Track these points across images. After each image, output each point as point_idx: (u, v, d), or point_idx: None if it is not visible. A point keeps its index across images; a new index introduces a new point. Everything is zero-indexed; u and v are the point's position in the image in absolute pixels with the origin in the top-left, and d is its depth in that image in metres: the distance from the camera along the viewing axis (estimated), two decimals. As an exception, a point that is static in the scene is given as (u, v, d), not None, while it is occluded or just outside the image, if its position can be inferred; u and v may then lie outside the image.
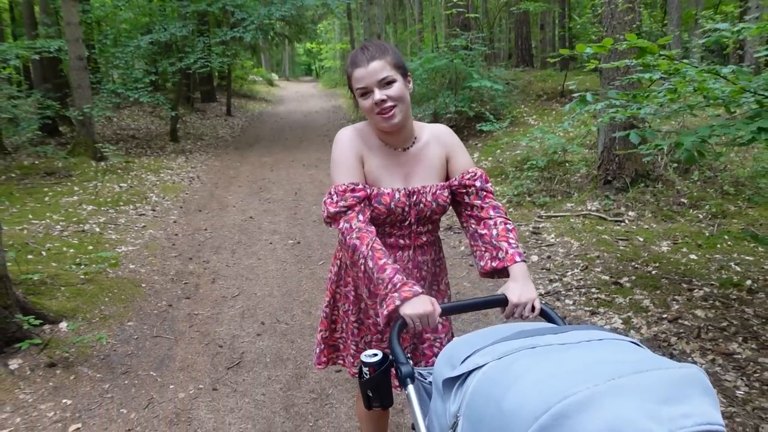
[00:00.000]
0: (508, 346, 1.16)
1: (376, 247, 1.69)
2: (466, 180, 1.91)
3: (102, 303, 4.40)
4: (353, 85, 1.79)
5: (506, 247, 1.79)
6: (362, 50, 1.78)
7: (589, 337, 1.18)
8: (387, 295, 1.62)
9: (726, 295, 4.29)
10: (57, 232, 6.08)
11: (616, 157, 6.42)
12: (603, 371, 0.99)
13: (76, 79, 9.78)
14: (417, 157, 1.90)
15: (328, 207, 1.76)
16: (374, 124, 1.84)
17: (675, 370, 1.01)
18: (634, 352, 1.14)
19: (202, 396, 3.27)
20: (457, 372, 1.17)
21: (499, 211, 1.89)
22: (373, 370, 1.49)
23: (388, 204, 1.82)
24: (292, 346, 3.85)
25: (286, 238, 6.18)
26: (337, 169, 1.81)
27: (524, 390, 1.00)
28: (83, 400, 3.22)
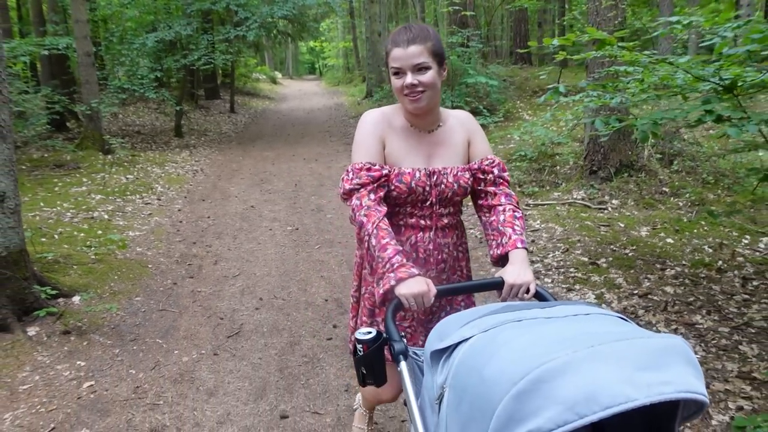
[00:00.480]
0: (495, 320, 1.19)
1: (382, 226, 1.72)
2: (485, 165, 1.94)
3: (111, 280, 4.71)
4: (389, 63, 1.81)
5: (510, 233, 1.83)
6: (405, 30, 1.80)
7: (576, 311, 1.20)
8: (384, 274, 1.67)
9: (696, 274, 4.57)
10: (68, 218, 6.40)
11: (602, 148, 6.70)
12: (584, 339, 1.00)
13: (84, 75, 10.10)
14: (441, 139, 1.93)
15: (344, 184, 1.80)
16: (401, 104, 1.88)
17: (658, 339, 1.01)
18: (620, 324, 1.15)
19: (204, 360, 3.57)
20: (444, 344, 1.20)
21: (510, 198, 1.93)
22: (366, 347, 1.50)
23: (409, 183, 1.84)
24: (287, 318, 4.14)
25: (285, 225, 6.48)
26: (357, 148, 1.85)
27: (505, 358, 1.02)
28: (95, 362, 3.52)
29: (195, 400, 3.13)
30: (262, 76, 31.70)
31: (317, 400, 3.10)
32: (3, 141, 3.51)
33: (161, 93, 12.38)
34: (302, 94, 27.77)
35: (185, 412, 3.02)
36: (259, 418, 2.96)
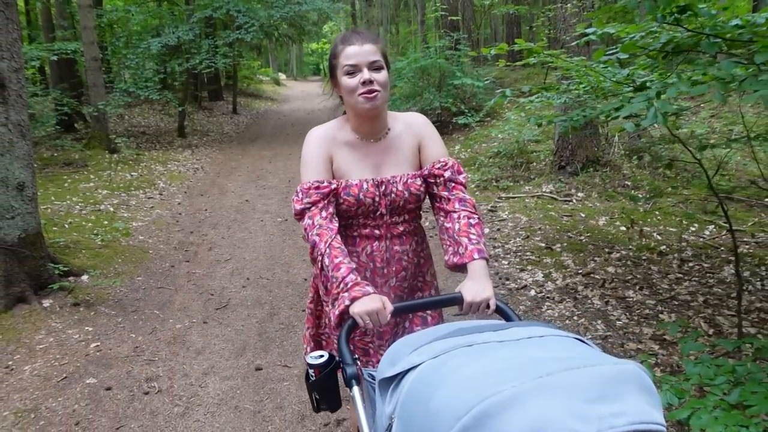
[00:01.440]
0: (446, 344, 1.13)
1: (334, 245, 1.69)
2: (435, 169, 1.88)
3: (116, 263, 5.27)
4: (340, 62, 1.77)
5: (466, 242, 1.77)
6: (354, 32, 1.80)
7: (530, 333, 1.15)
8: (338, 294, 1.62)
9: (639, 257, 5.10)
10: (76, 210, 6.97)
11: (569, 145, 7.22)
12: (531, 369, 0.95)
13: (91, 78, 10.69)
14: (388, 147, 1.89)
15: (295, 205, 1.78)
16: (352, 107, 1.81)
17: (610, 366, 0.96)
18: (573, 348, 1.10)
19: (195, 327, 4.12)
20: (393, 371, 1.15)
21: (465, 204, 1.86)
22: (318, 372, 1.46)
23: (357, 195, 1.81)
24: (270, 294, 4.69)
25: (275, 217, 7.04)
26: (305, 168, 1.83)
27: (451, 389, 0.98)
28: (101, 328, 4.08)
29: (185, 357, 3.69)
30: (265, 77, 32.26)
31: (288, 357, 3.65)
32: (23, 138, 4.08)
33: (165, 95, 12.96)
34: (305, 95, 28.29)
35: (176, 366, 3.57)
36: (237, 370, 3.50)
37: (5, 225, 4.08)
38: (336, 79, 1.81)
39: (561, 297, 4.39)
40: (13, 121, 4.00)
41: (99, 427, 2.97)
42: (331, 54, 1.82)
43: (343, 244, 1.79)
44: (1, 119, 3.92)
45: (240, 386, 3.33)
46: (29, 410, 3.12)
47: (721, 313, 3.96)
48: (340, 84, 1.79)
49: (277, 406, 3.13)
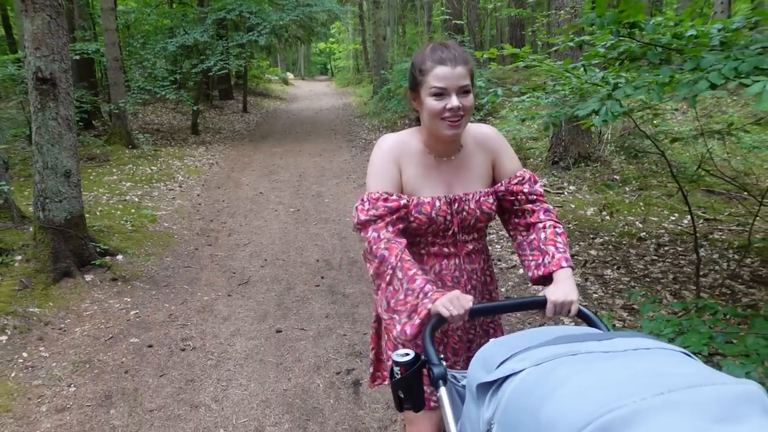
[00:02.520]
0: (548, 352, 1.11)
1: (405, 257, 1.64)
2: (513, 186, 1.83)
3: (146, 245, 5.82)
4: (428, 81, 1.66)
5: (553, 251, 1.74)
6: (445, 48, 1.68)
7: (636, 345, 1.12)
8: (418, 303, 1.57)
9: (620, 242, 5.60)
10: (104, 200, 7.53)
11: (563, 142, 7.73)
12: (651, 384, 0.92)
13: (112, 77, 11.26)
14: (461, 163, 1.82)
15: (359, 214, 1.70)
16: (431, 129, 1.73)
17: (731, 386, 0.93)
18: (685, 363, 1.07)
19: (220, 299, 4.66)
20: (492, 377, 1.12)
21: (549, 214, 1.83)
22: (404, 370, 1.43)
23: (429, 213, 1.75)
24: (286, 272, 5.22)
25: (288, 207, 7.57)
26: (373, 176, 1.75)
27: (564, 400, 0.95)
28: (138, 299, 4.63)
29: (214, 322, 4.23)
30: (274, 77, 32.82)
31: (303, 322, 4.18)
32: (69, 131, 4.63)
33: (180, 94, 13.52)
34: (313, 94, 28.85)
35: (207, 329, 4.11)
36: (260, 332, 4.04)
37: (54, 207, 4.63)
38: (418, 93, 1.71)
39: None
40: (62, 115, 4.55)
41: (145, 375, 3.51)
42: (417, 68, 1.70)
43: None
44: (52, 114, 4.47)
45: (263, 345, 3.87)
46: (84, 362, 3.67)
47: (687, 288, 4.47)
48: (422, 102, 1.69)
49: (296, 359, 3.66)
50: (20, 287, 4.37)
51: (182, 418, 3.06)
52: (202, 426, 2.99)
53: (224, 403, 3.20)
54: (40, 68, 4.36)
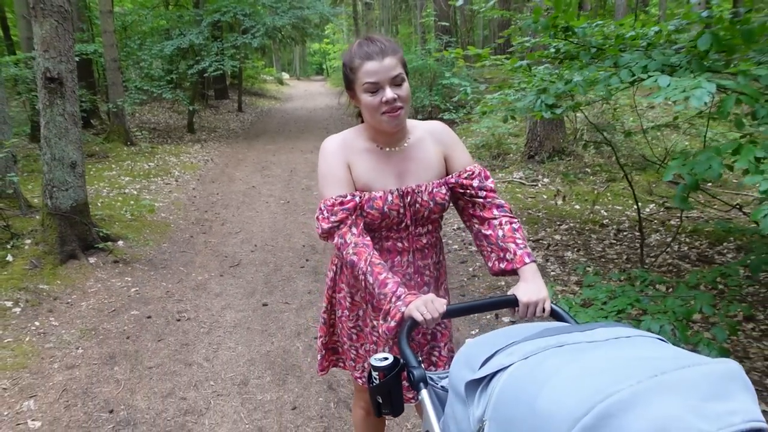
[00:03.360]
0: (534, 345, 1.13)
1: (374, 261, 1.65)
2: (463, 179, 1.84)
3: (144, 233, 6.27)
4: (359, 78, 1.68)
5: (514, 248, 1.74)
6: (370, 42, 1.69)
7: (617, 334, 1.14)
8: (391, 308, 1.59)
9: (583, 228, 6.06)
10: (105, 193, 7.97)
11: (538, 137, 8.19)
12: (643, 367, 0.95)
13: (111, 77, 11.69)
14: (410, 155, 1.82)
15: (321, 224, 1.72)
16: (373, 124, 1.75)
17: (714, 365, 0.96)
18: (664, 348, 1.10)
19: (213, 279, 5.10)
20: (480, 374, 1.13)
21: (503, 209, 1.84)
22: (383, 375, 1.43)
23: (381, 208, 1.75)
24: (274, 256, 5.67)
25: (278, 200, 8.02)
26: (325, 182, 1.76)
27: (560, 389, 0.95)
28: (138, 278, 5.07)
29: (207, 298, 4.67)
30: (269, 77, 33.22)
31: (288, 297, 4.63)
32: (75, 126, 5.07)
33: (176, 94, 13.95)
34: (307, 94, 29.28)
35: (200, 304, 4.55)
36: (248, 306, 4.49)
37: (61, 195, 5.07)
38: (354, 91, 1.73)
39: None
40: (68, 112, 4.99)
41: (144, 340, 3.96)
42: (348, 67, 1.71)
43: None
44: (60, 110, 4.91)
45: (250, 316, 4.32)
46: (90, 330, 4.11)
47: (636, 267, 4.92)
48: (359, 99, 1.72)
49: (279, 327, 4.11)
50: (30, 267, 4.80)
51: (177, 374, 3.51)
52: (195, 379, 3.44)
53: (214, 362, 3.64)
54: (48, 68, 4.80)
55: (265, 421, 3.03)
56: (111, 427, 2.98)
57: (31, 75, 10.49)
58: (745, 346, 3.64)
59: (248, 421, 3.03)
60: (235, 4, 14.43)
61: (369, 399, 1.53)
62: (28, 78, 10.64)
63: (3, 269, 4.78)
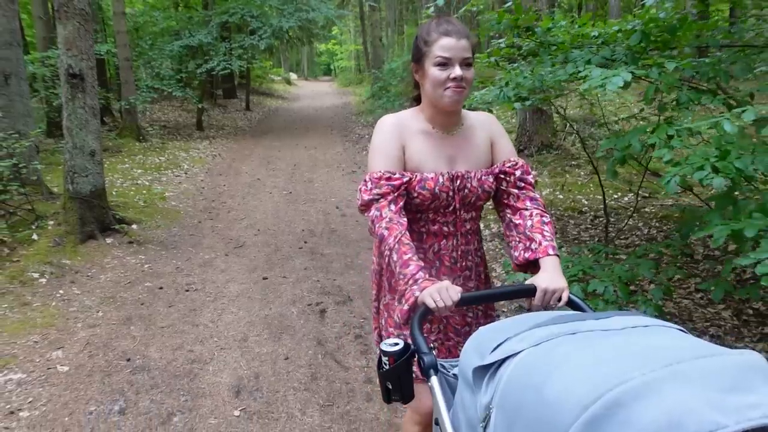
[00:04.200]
0: (546, 332, 1.10)
1: (404, 240, 1.65)
2: (507, 167, 1.87)
3: (156, 218, 6.77)
4: (432, 51, 1.71)
5: (540, 239, 1.75)
6: (449, 22, 1.74)
7: (634, 323, 1.11)
8: (406, 290, 1.59)
9: (563, 215, 6.51)
10: (119, 184, 8.49)
11: (527, 132, 8.63)
12: (658, 356, 0.91)
13: (123, 76, 12.23)
14: (463, 140, 1.85)
15: (363, 195, 1.73)
16: (432, 99, 1.78)
17: (735, 356, 0.93)
18: (684, 338, 1.05)
19: (219, 258, 5.59)
20: (488, 360, 1.10)
21: (536, 202, 1.86)
22: (393, 360, 1.43)
23: (433, 189, 1.77)
24: (275, 239, 6.15)
25: (281, 191, 8.50)
26: (375, 156, 1.78)
27: (570, 376, 0.93)
28: (150, 257, 5.57)
29: (213, 273, 5.16)
30: (277, 77, 33.75)
31: (286, 273, 5.11)
32: (94, 118, 5.58)
33: (185, 92, 14.48)
34: (314, 94, 29.79)
35: (207, 278, 5.04)
36: (250, 279, 4.97)
37: (81, 181, 5.57)
38: (421, 65, 1.77)
39: (492, 238, 5.83)
40: (88, 105, 5.49)
41: (157, 306, 4.44)
42: (422, 39, 1.76)
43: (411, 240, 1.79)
44: (81, 103, 5.42)
45: (251, 288, 4.80)
46: (108, 297, 4.60)
47: (616, 251, 5.36)
48: (425, 73, 1.75)
49: (277, 296, 4.59)
50: (54, 244, 5.31)
51: (186, 332, 3.99)
52: (201, 337, 3.92)
53: (218, 323, 4.13)
54: (71, 65, 5.31)
55: (261, 368, 3.50)
56: (128, 371, 3.47)
57: (48, 73, 11.05)
58: (691, 311, 4.09)
59: (246, 368, 3.51)
60: (243, 6, 14.96)
61: (379, 384, 1.50)
62: (46, 76, 11.18)
63: (30, 246, 5.29)
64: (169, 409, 3.08)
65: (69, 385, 3.31)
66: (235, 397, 3.20)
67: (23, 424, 2.96)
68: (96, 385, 3.31)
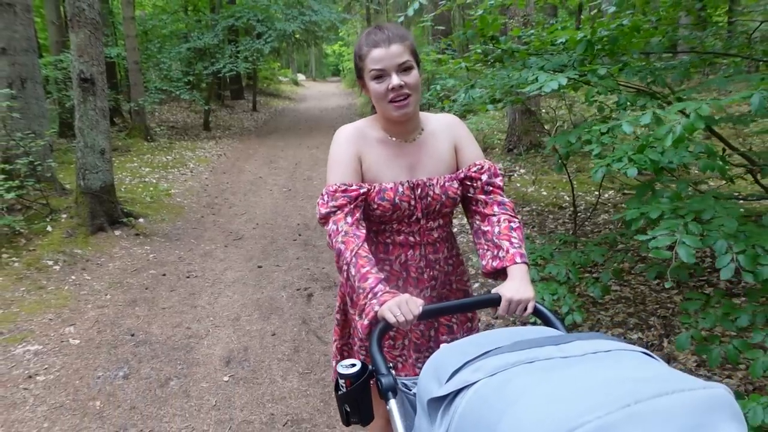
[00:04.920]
0: (502, 360, 1.04)
1: (361, 253, 1.60)
2: (472, 172, 1.81)
3: (161, 213, 7.22)
4: (367, 66, 1.67)
5: (507, 246, 1.69)
6: (379, 30, 1.68)
7: (595, 348, 1.05)
8: (366, 305, 1.54)
9: (543, 210, 6.89)
10: (127, 181, 8.95)
11: (516, 132, 9.01)
12: (616, 394, 0.86)
13: (132, 78, 12.71)
14: (423, 147, 1.81)
15: (320, 208, 1.71)
16: (382, 113, 1.75)
17: (699, 391, 0.88)
18: (648, 366, 1.01)
19: (218, 249, 6.02)
20: (443, 391, 1.06)
21: (504, 207, 1.80)
22: (350, 383, 1.37)
23: (392, 199, 1.73)
24: (272, 232, 6.58)
25: (282, 188, 8.93)
26: (331, 169, 1.75)
27: (524, 415, 0.88)
28: (156, 247, 6.01)
29: (212, 262, 5.59)
30: (284, 78, 34.22)
31: (279, 262, 5.53)
32: (104, 119, 6.03)
33: (193, 94, 14.96)
34: (321, 95, 30.25)
35: (206, 266, 5.47)
36: (246, 268, 5.39)
37: (92, 177, 6.02)
38: (363, 80, 1.73)
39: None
40: (99, 107, 5.94)
41: (160, 290, 4.87)
42: (356, 55, 1.72)
43: (376, 252, 1.80)
44: (92, 105, 5.86)
45: (247, 275, 5.22)
46: (116, 282, 5.04)
47: (579, 240, 5.74)
48: (368, 88, 1.71)
49: (269, 282, 5.01)
50: (67, 236, 5.76)
51: (185, 312, 4.42)
52: (198, 316, 4.35)
53: (215, 305, 4.55)
54: (82, 70, 5.76)
55: (250, 342, 3.92)
56: (132, 344, 3.90)
57: (60, 76, 11.54)
58: (645, 295, 4.46)
59: (237, 342, 3.93)
60: (248, 10, 15.42)
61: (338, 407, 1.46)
62: (58, 78, 11.67)
63: (44, 237, 5.75)
64: (166, 375, 3.51)
65: (80, 355, 3.75)
66: (225, 366, 3.62)
67: (40, 386, 3.40)
68: (103, 356, 3.74)
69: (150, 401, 3.24)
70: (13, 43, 6.32)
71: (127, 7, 12.52)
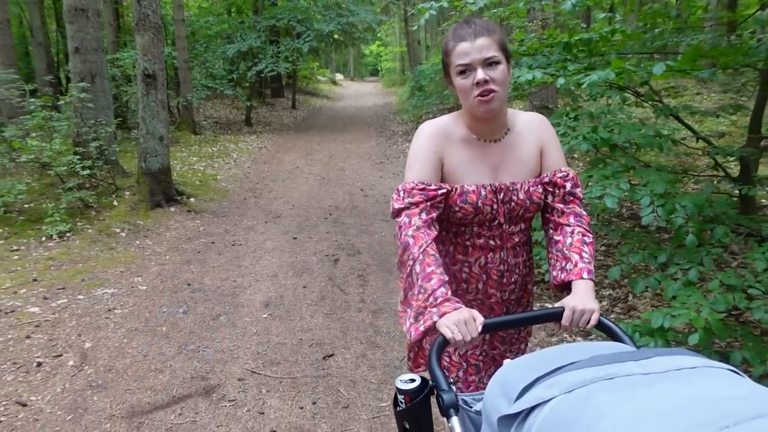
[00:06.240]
0: (579, 376, 0.97)
1: (429, 251, 1.54)
2: (557, 178, 1.73)
3: (209, 194, 8.13)
4: (453, 61, 1.61)
5: (576, 259, 1.63)
6: (467, 24, 1.61)
7: (678, 364, 0.98)
8: (426, 308, 1.48)
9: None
10: (178, 168, 9.91)
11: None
12: (711, 413, 0.79)
13: (182, 76, 13.75)
14: (508, 148, 1.72)
15: (395, 203, 1.64)
16: (467, 109, 1.67)
17: None
18: (737, 384, 0.92)
19: (259, 224, 6.86)
20: (515, 409, 1.00)
21: (581, 220, 1.72)
22: (409, 399, 1.31)
23: (475, 202, 1.66)
24: (306, 212, 7.41)
25: (317, 177, 9.77)
26: (411, 165, 1.68)
27: None
28: (205, 222, 6.89)
29: (254, 234, 6.43)
30: (323, 77, 35.21)
31: (312, 235, 6.35)
32: (163, 110, 6.94)
33: (236, 91, 15.96)
34: (358, 94, 31.08)
35: (249, 237, 6.31)
36: (283, 238, 6.22)
37: (152, 160, 6.94)
38: (449, 76, 1.68)
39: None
40: (159, 99, 6.85)
41: (210, 254, 5.73)
42: (443, 51, 1.68)
43: (454, 252, 1.77)
44: (153, 98, 6.78)
45: (283, 244, 6.04)
46: (173, 247, 5.92)
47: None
48: (454, 84, 1.66)
49: (302, 249, 5.82)
50: (130, 209, 6.68)
51: (231, 270, 5.26)
52: (242, 273, 5.18)
53: (256, 266, 5.38)
54: (146, 68, 6.67)
55: (285, 292, 4.73)
56: (189, 291, 4.75)
57: (118, 73, 12.62)
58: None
59: (274, 292, 4.74)
60: (289, 11, 16.35)
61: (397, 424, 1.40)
62: (117, 75, 12.76)
63: (111, 210, 6.69)
64: (217, 312, 4.34)
65: (147, 297, 4.62)
66: (264, 307, 4.43)
67: (118, 316, 4.27)
68: (166, 298, 4.61)
69: (205, 329, 4.08)
70: (85, 44, 7.28)
71: (177, 10, 13.55)
